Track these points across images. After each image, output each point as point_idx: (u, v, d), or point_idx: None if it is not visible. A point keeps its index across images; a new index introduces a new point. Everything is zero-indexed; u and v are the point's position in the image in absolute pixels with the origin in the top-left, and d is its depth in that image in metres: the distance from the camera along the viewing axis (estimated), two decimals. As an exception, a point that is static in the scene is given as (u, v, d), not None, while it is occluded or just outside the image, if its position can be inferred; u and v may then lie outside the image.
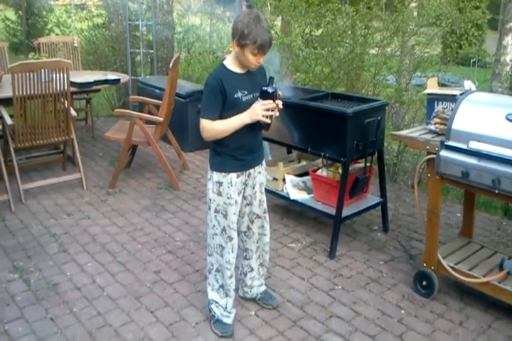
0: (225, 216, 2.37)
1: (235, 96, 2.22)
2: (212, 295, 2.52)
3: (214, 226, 2.42)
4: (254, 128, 2.28)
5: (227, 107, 2.23)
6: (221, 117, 2.25)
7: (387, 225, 3.58)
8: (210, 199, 2.40)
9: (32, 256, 3.20)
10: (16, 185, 3.94)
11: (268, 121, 2.21)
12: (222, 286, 2.49)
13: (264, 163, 2.52)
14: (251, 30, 2.09)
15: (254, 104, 2.22)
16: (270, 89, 2.17)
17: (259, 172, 2.47)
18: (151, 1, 6.63)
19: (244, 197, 2.45)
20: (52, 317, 2.61)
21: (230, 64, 2.27)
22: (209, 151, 2.42)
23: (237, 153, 2.32)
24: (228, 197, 2.35)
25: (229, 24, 9.19)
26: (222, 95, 2.20)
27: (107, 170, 4.71)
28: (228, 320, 2.51)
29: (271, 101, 2.19)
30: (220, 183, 2.34)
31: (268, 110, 2.19)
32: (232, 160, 2.33)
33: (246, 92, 2.25)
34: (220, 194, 2.35)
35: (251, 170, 2.41)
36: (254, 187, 2.46)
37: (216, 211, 2.39)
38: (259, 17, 2.14)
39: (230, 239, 2.41)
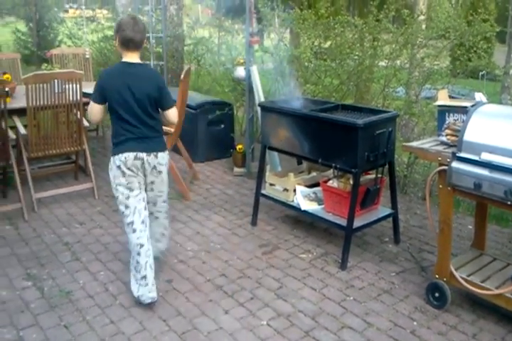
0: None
1: None
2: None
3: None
4: None
5: None
6: None
7: (398, 237, 3.58)
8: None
9: (45, 264, 3.23)
10: (28, 194, 3.98)
11: None
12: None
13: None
14: None
15: None
16: None
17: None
18: (162, 14, 6.72)
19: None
20: (66, 324, 2.63)
21: None
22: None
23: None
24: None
25: (237, 36, 9.29)
26: None
27: (117, 180, 4.73)
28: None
29: None
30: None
31: None
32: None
33: None
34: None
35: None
36: None
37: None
38: None
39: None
